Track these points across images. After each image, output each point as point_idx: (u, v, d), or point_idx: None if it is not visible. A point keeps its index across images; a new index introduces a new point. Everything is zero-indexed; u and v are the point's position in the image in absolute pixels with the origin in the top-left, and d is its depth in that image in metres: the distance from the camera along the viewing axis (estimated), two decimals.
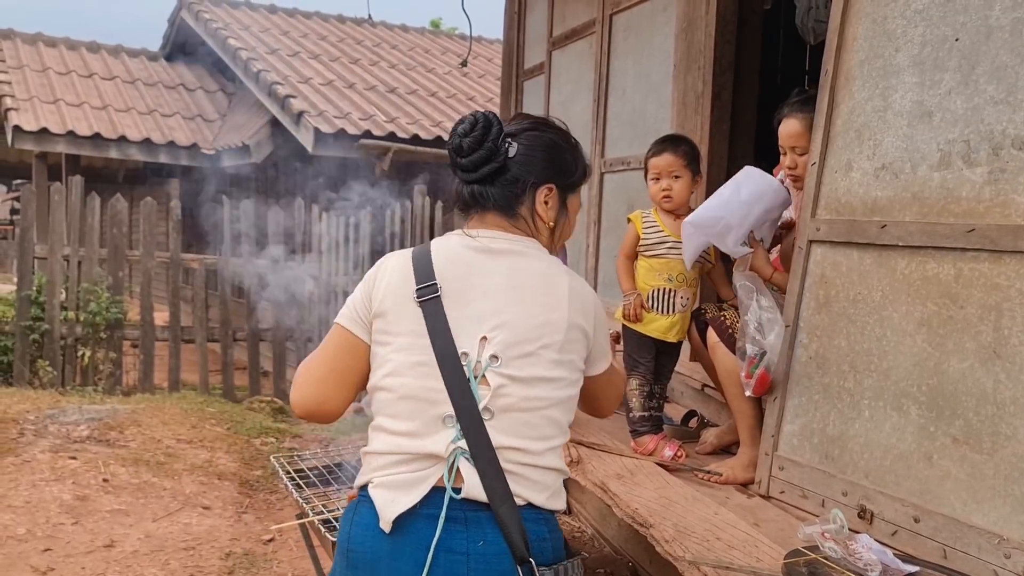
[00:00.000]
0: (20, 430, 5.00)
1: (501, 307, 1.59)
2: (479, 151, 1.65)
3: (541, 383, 1.57)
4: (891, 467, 2.11)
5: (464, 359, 1.55)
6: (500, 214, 1.69)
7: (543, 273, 1.65)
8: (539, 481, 1.55)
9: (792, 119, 2.59)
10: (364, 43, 13.31)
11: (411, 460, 1.54)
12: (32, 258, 7.68)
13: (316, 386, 1.66)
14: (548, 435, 1.57)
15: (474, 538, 1.48)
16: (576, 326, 1.62)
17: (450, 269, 1.62)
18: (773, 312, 2.37)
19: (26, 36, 13.07)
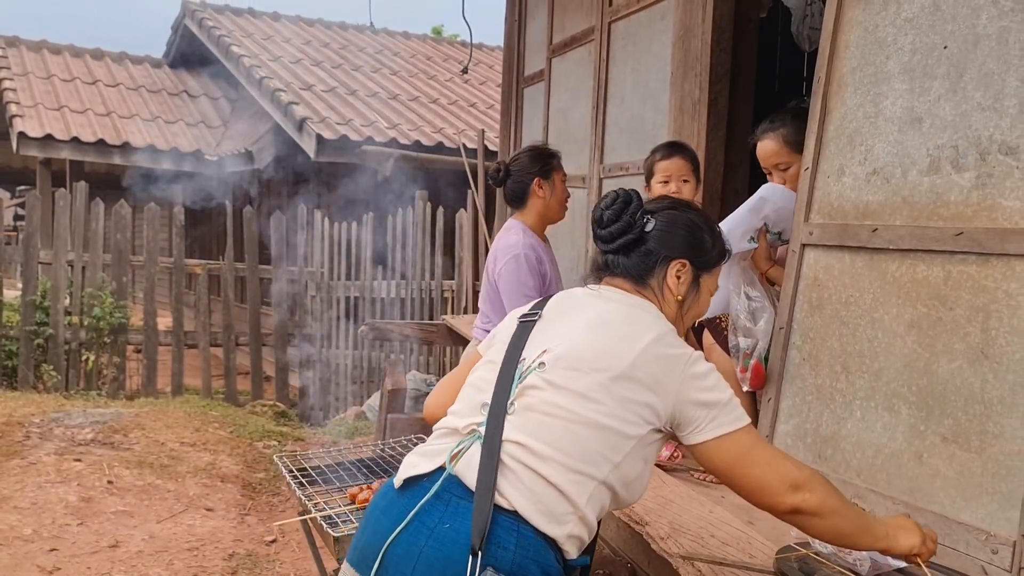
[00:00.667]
0: (26, 433, 5.04)
1: (574, 330, 1.67)
2: (617, 223, 1.77)
3: (574, 396, 1.56)
4: (882, 466, 2.15)
5: (521, 363, 1.66)
6: (629, 281, 1.79)
7: (635, 319, 1.69)
8: (532, 490, 1.50)
9: (765, 140, 2.66)
10: (366, 50, 13.38)
11: (445, 434, 1.65)
12: (37, 263, 7.74)
13: (446, 393, 1.85)
14: (563, 448, 1.53)
15: (444, 519, 1.50)
16: (642, 375, 1.59)
17: (559, 303, 1.78)
18: (761, 301, 2.42)
19: (31, 43, 13.16)
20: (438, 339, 6.13)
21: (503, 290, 3.08)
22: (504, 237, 3.18)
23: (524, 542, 1.48)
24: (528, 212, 3.23)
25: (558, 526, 1.51)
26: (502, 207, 6.26)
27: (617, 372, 1.58)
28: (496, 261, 3.13)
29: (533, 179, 3.18)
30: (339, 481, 2.35)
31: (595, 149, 4.63)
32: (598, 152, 4.61)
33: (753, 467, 1.61)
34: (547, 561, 1.50)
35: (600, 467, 1.55)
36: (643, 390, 1.59)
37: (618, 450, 1.57)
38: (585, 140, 4.77)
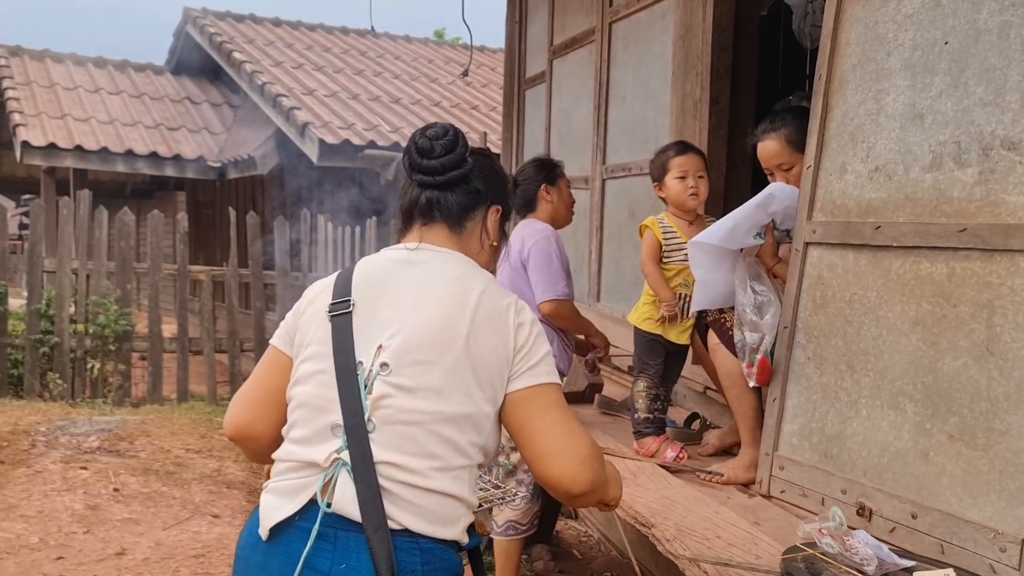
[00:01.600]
0: (32, 441, 5.05)
1: (403, 314, 1.55)
2: (451, 155, 1.65)
3: (430, 395, 1.48)
4: (889, 465, 2.14)
5: (359, 368, 1.51)
6: (447, 227, 1.68)
7: (455, 279, 1.60)
8: (420, 505, 1.45)
9: (767, 140, 2.64)
10: (368, 54, 13.40)
11: (298, 467, 1.50)
12: (41, 272, 7.75)
13: (243, 407, 1.66)
14: (436, 453, 1.47)
15: (338, 559, 1.41)
16: (482, 338, 1.53)
17: (366, 283, 1.61)
18: (768, 295, 2.41)
19: (33, 52, 13.20)
20: None
21: (535, 266, 3.14)
22: (527, 227, 3.26)
23: (428, 556, 1.45)
24: (539, 215, 3.32)
25: (453, 527, 1.49)
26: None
27: (460, 347, 1.50)
28: (524, 244, 3.19)
29: (540, 185, 3.30)
30: None
31: (597, 150, 4.62)
32: (600, 153, 4.60)
33: (553, 425, 1.52)
34: (452, 564, 1.49)
35: (470, 454, 1.52)
36: (487, 354, 1.52)
37: (482, 430, 1.53)
38: (587, 141, 4.76)
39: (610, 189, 4.58)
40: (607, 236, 4.61)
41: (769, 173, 2.73)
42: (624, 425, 3.34)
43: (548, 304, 3.12)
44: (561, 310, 3.15)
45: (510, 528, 3.20)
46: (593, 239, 4.67)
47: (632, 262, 4.33)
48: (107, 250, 7.97)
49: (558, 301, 3.13)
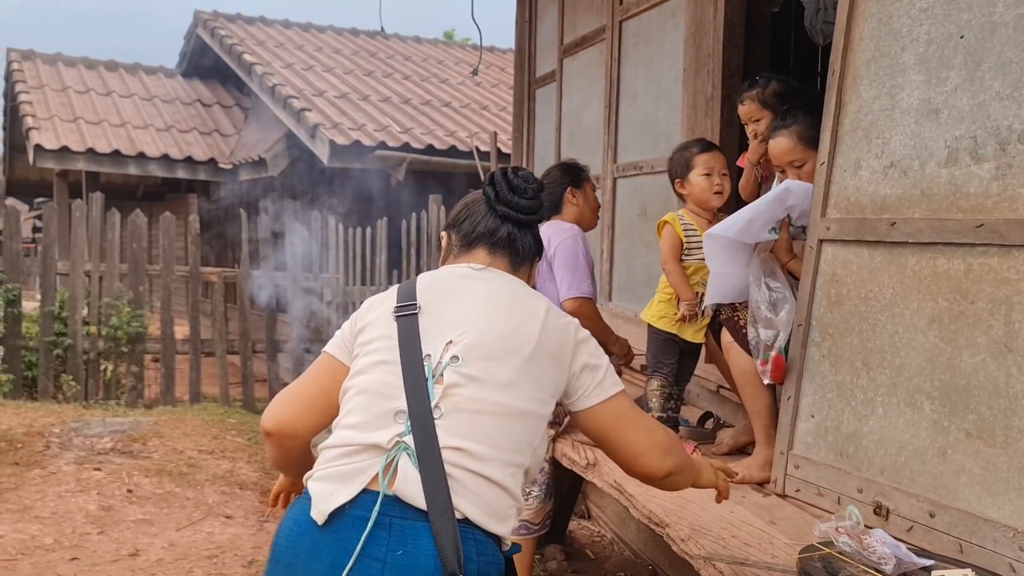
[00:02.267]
0: (46, 443, 5.07)
1: (473, 317, 1.61)
2: (535, 200, 1.75)
3: (499, 387, 1.53)
4: (906, 463, 2.12)
5: (427, 360, 1.55)
6: (509, 261, 1.75)
7: (521, 296, 1.69)
8: (480, 494, 1.47)
9: (778, 138, 2.62)
10: (378, 55, 13.42)
11: (356, 451, 1.50)
12: (55, 274, 7.79)
13: (288, 404, 1.68)
14: (500, 444, 1.50)
15: (394, 545, 1.40)
16: (548, 349, 1.61)
17: (431, 290, 1.66)
18: (783, 291, 2.39)
19: (46, 56, 13.28)
20: None
21: (561, 263, 3.14)
22: (553, 226, 3.24)
23: (483, 548, 1.46)
24: (564, 217, 3.31)
25: (504, 523, 1.51)
26: None
27: (528, 352, 1.58)
28: (550, 241, 3.17)
29: (566, 188, 3.30)
30: None
31: (608, 149, 4.61)
32: (611, 152, 4.59)
33: (635, 430, 1.68)
34: (499, 560, 1.50)
35: (525, 454, 1.56)
36: (550, 366, 1.60)
37: (537, 432, 1.59)
38: (598, 140, 4.75)
39: (621, 188, 4.56)
40: (618, 235, 4.60)
41: (780, 171, 2.72)
42: None
43: (572, 302, 3.11)
44: (584, 309, 3.13)
45: (523, 527, 3.19)
46: (604, 238, 4.65)
47: (644, 261, 4.31)
48: (119, 252, 8.00)
49: (582, 299, 3.12)
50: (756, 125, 2.91)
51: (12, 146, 13.69)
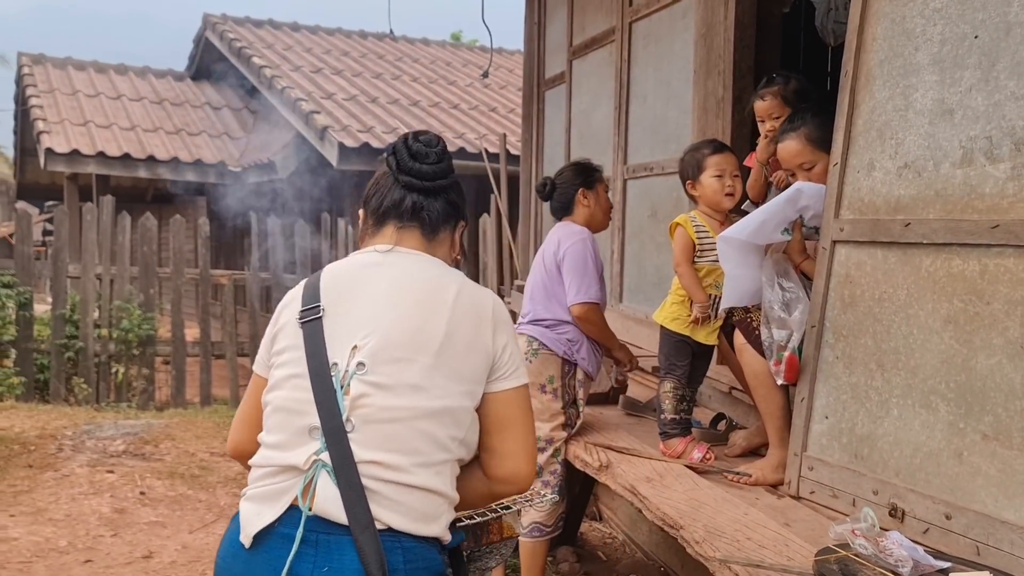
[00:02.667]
0: (59, 445, 5.10)
1: (378, 314, 1.55)
2: (441, 164, 1.69)
3: (409, 391, 1.49)
4: (921, 465, 2.11)
5: (334, 369, 1.51)
6: (421, 233, 1.69)
7: (429, 279, 1.61)
8: (402, 502, 1.46)
9: (787, 140, 2.61)
10: (386, 57, 13.45)
11: (277, 472, 1.50)
12: (66, 277, 7.83)
13: (235, 428, 1.70)
14: (417, 449, 1.48)
15: (320, 563, 1.41)
16: (461, 337, 1.55)
17: (335, 287, 1.61)
18: (796, 291, 2.39)
19: (56, 60, 13.36)
20: None
21: (570, 267, 3.14)
22: (564, 229, 3.26)
23: (410, 555, 1.45)
24: (575, 219, 3.30)
25: (435, 523, 1.50)
26: (525, 211, 6.25)
27: (436, 347, 1.53)
28: (560, 246, 3.18)
29: (577, 190, 3.28)
30: None
31: (618, 150, 4.61)
32: (621, 153, 4.58)
33: (525, 426, 1.64)
34: (435, 562, 1.49)
35: (451, 448, 1.53)
36: (467, 353, 1.55)
37: (461, 424, 1.55)
38: (608, 141, 4.75)
39: (632, 189, 4.56)
40: (629, 236, 4.59)
41: (790, 173, 2.71)
42: (649, 426, 3.32)
43: (579, 307, 3.11)
44: (591, 314, 3.13)
45: (535, 530, 3.19)
46: (615, 239, 4.65)
47: (654, 262, 4.31)
48: (130, 255, 8.04)
49: (589, 305, 3.12)
50: (774, 122, 2.88)
51: (23, 150, 13.76)
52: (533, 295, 3.27)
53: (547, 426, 3.13)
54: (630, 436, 3.15)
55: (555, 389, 3.15)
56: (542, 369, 3.15)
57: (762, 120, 2.97)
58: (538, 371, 3.14)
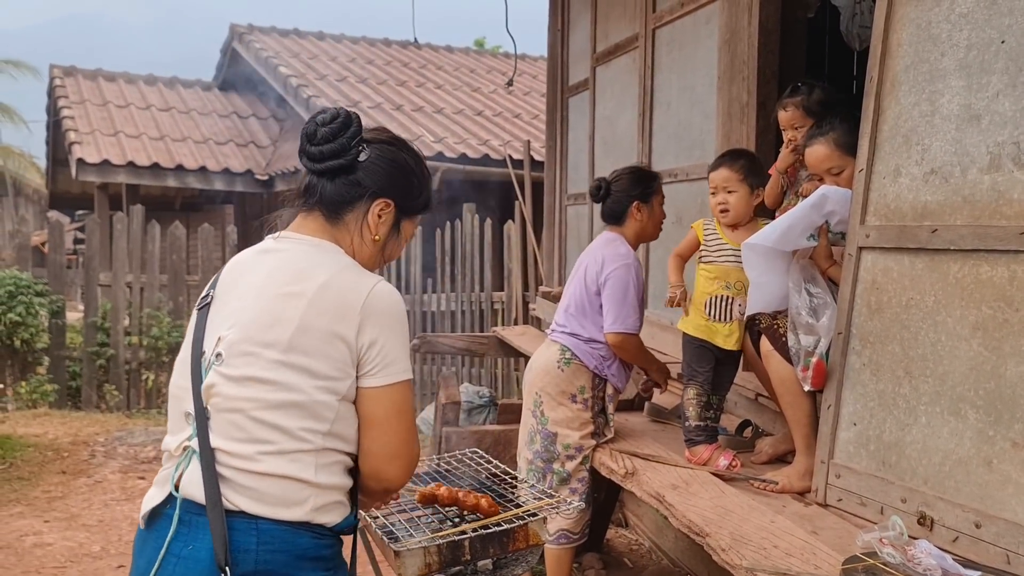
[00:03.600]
0: (91, 452, 5.18)
1: (245, 305, 1.57)
2: (332, 143, 1.64)
3: (252, 384, 1.51)
4: (950, 472, 2.09)
5: (203, 358, 1.57)
6: (324, 216, 1.67)
7: (300, 269, 1.59)
8: (254, 488, 1.49)
9: (815, 146, 2.61)
10: (410, 65, 13.53)
11: (168, 457, 1.60)
12: (97, 286, 7.95)
13: None
14: (263, 439, 1.50)
15: (187, 541, 1.48)
16: (317, 329, 1.53)
17: (228, 275, 1.66)
18: (823, 297, 2.38)
19: (87, 72, 13.57)
20: (489, 351, 6.15)
21: (610, 295, 3.11)
22: (610, 246, 3.20)
23: (266, 537, 1.48)
24: (625, 230, 3.24)
25: (298, 508, 1.51)
26: (550, 217, 6.27)
27: (287, 341, 1.51)
28: (603, 266, 3.15)
29: (632, 202, 3.20)
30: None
31: (642, 156, 4.61)
32: (645, 159, 4.59)
33: (404, 424, 1.58)
34: (298, 544, 1.51)
35: (308, 439, 1.52)
36: (323, 348, 1.52)
37: (321, 418, 1.53)
38: (632, 147, 4.75)
39: None
40: (654, 243, 4.58)
41: (818, 178, 2.70)
42: (675, 433, 3.32)
43: (614, 336, 3.09)
44: (627, 344, 3.12)
45: (562, 537, 3.20)
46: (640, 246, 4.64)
47: None
48: (159, 263, 8.14)
49: (625, 335, 3.11)
50: (796, 132, 2.89)
51: (55, 160, 13.99)
52: (569, 308, 3.24)
53: (576, 434, 3.14)
54: (655, 443, 3.15)
55: (585, 399, 3.17)
56: (573, 379, 3.16)
57: (785, 129, 2.98)
58: (569, 380, 3.15)
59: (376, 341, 1.56)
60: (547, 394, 3.17)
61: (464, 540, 1.88)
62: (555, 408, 3.16)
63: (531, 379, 3.26)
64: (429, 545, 1.84)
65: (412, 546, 1.82)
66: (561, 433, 3.15)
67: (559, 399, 3.16)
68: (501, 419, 4.14)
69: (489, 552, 1.91)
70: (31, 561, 3.64)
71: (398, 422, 1.58)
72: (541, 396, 3.19)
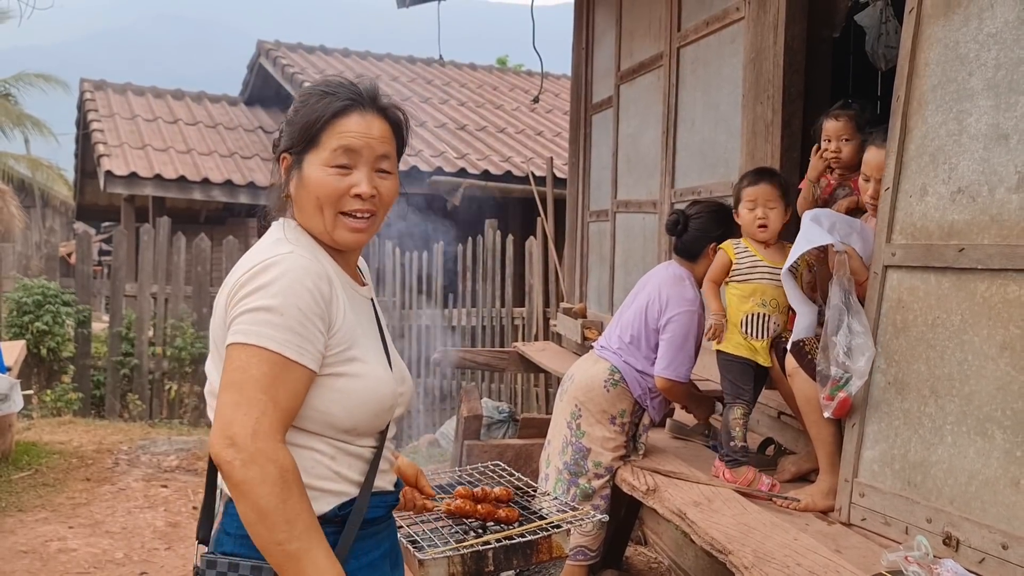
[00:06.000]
0: (115, 460, 5.23)
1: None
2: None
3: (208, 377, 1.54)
4: (977, 493, 2.08)
5: None
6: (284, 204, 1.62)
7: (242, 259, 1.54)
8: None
9: (876, 150, 2.59)
10: (434, 82, 13.64)
11: None
12: (122, 296, 8.05)
13: None
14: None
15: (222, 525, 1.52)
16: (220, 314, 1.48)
17: None
18: (864, 337, 2.35)
19: (116, 86, 13.80)
20: (510, 366, 6.16)
21: (669, 339, 3.09)
22: (678, 287, 3.15)
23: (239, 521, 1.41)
24: (696, 268, 3.20)
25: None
26: (571, 234, 6.28)
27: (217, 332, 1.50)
28: (667, 307, 3.11)
29: (711, 243, 3.14)
30: None
31: (665, 174, 4.62)
32: (668, 176, 4.60)
33: (233, 391, 1.36)
34: None
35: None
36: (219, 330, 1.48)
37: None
38: (655, 165, 4.77)
39: None
40: None
41: (865, 179, 2.68)
42: (696, 450, 3.31)
43: (665, 382, 3.09)
44: (675, 390, 3.12)
45: (579, 553, 3.19)
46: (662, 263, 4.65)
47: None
48: (184, 275, 8.23)
49: (675, 383, 3.10)
50: (842, 144, 2.94)
51: (83, 172, 14.21)
52: (624, 336, 3.21)
53: (609, 455, 3.15)
54: (677, 460, 3.15)
55: (624, 423, 3.18)
56: (617, 401, 3.17)
57: (828, 139, 2.98)
58: (613, 402, 3.16)
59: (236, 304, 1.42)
60: (588, 410, 3.18)
61: (488, 551, 1.89)
62: (593, 425, 3.17)
63: (572, 390, 3.26)
64: (453, 555, 1.85)
65: (436, 555, 1.83)
66: (595, 451, 3.16)
67: (599, 417, 3.17)
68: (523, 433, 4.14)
69: (512, 563, 1.92)
70: (55, 566, 3.68)
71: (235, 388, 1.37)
72: (581, 410, 3.20)
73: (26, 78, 19.09)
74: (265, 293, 1.41)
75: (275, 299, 1.40)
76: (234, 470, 1.33)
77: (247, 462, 1.32)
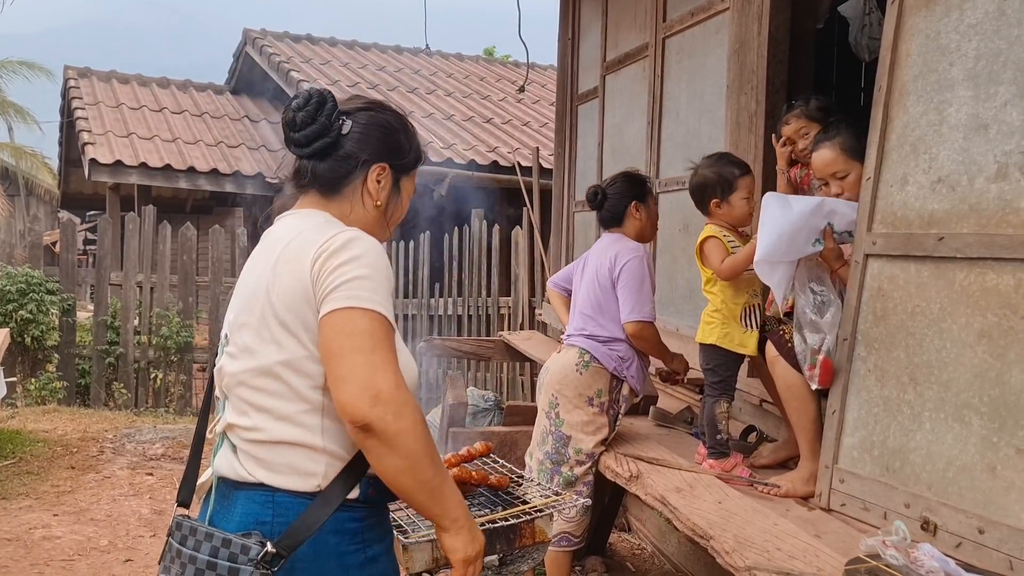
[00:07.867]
0: (100, 448, 5.22)
1: (241, 287, 1.64)
2: (312, 126, 1.64)
3: (245, 355, 1.54)
4: (954, 479, 2.11)
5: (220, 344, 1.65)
6: (320, 194, 1.67)
7: (280, 237, 1.60)
8: (266, 459, 1.51)
9: (822, 150, 2.63)
10: (421, 72, 13.60)
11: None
12: (108, 285, 8.01)
13: None
14: (263, 406, 1.51)
15: (223, 514, 1.55)
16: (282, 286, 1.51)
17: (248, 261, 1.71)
18: (827, 294, 2.40)
19: (101, 74, 13.68)
20: (495, 355, 6.17)
21: (626, 284, 3.16)
22: (619, 243, 3.26)
23: (280, 510, 1.49)
24: (626, 230, 3.31)
25: (312, 478, 1.49)
26: (557, 224, 6.30)
27: (262, 303, 1.52)
28: (616, 261, 3.19)
29: (630, 202, 3.29)
30: None
31: (651, 164, 4.64)
32: (654, 167, 4.61)
33: (354, 354, 1.41)
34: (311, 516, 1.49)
35: (308, 395, 1.50)
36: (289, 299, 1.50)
37: (309, 372, 1.50)
38: (640, 155, 4.78)
39: (664, 203, 4.57)
40: (660, 250, 4.61)
41: (823, 183, 2.71)
42: (679, 437, 3.34)
43: (633, 324, 3.12)
44: (646, 332, 3.15)
45: (563, 539, 3.21)
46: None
47: (685, 276, 4.32)
48: (170, 264, 8.20)
49: (644, 323, 3.14)
50: (805, 140, 2.96)
51: (68, 160, 14.09)
52: (584, 309, 3.28)
53: (591, 440, 3.16)
54: (660, 447, 3.17)
55: (602, 403, 3.18)
56: (591, 382, 3.18)
57: (794, 142, 3.01)
58: (588, 384, 3.18)
59: (323, 271, 1.48)
60: (564, 396, 3.20)
61: None
62: (571, 411, 3.18)
63: (547, 381, 3.28)
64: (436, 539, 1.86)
65: (420, 539, 1.85)
66: (575, 437, 3.17)
67: (576, 402, 3.18)
68: (508, 421, 4.16)
69: (496, 547, 1.93)
70: (40, 554, 3.67)
71: (356, 350, 1.42)
72: (557, 398, 3.21)
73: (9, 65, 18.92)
74: (361, 263, 1.49)
75: (370, 269, 1.50)
76: (388, 424, 1.39)
77: (398, 413, 1.40)
